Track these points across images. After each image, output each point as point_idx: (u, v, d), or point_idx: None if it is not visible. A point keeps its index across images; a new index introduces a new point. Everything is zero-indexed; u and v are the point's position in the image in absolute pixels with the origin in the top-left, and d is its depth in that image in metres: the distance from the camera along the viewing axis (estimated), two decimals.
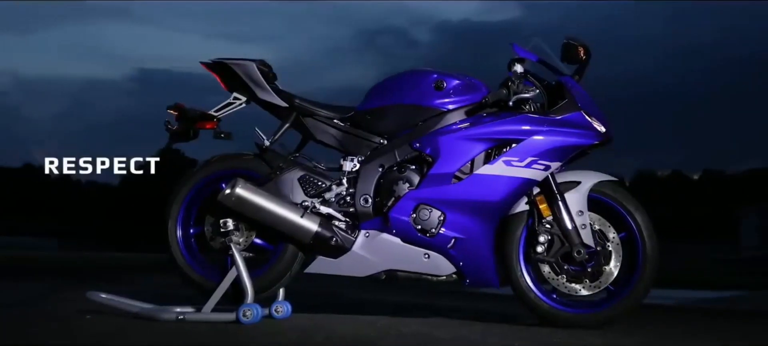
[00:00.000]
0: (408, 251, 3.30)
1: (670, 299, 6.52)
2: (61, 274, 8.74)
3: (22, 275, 8.12)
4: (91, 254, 24.49)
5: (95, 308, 3.47)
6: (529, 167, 3.21)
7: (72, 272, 9.70)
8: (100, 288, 3.59)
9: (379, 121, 3.44)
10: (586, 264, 3.28)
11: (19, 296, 4.71)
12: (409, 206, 3.27)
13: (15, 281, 7.00)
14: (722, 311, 5.53)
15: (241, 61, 3.52)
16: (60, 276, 7.95)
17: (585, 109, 3.28)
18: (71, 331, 3.02)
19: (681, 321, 4.31)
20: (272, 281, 3.45)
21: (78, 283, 5.86)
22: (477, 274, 3.30)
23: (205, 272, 3.49)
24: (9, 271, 9.58)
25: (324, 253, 3.36)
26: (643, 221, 3.28)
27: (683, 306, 6.08)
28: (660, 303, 5.38)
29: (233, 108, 3.58)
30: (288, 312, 3.52)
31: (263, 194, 3.32)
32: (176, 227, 3.52)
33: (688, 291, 8.79)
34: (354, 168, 3.41)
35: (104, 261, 16.31)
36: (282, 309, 3.52)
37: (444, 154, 3.27)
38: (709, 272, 14.79)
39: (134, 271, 10.55)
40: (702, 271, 15.02)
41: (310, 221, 3.31)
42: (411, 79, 3.45)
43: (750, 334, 3.74)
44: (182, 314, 3.32)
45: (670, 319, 4.37)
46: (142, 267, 11.88)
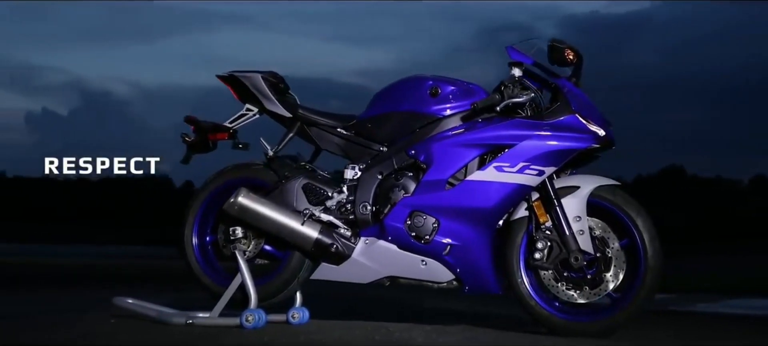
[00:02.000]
0: (405, 257, 3.40)
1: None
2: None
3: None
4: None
5: (122, 313, 3.74)
6: (522, 173, 3.24)
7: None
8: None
9: (379, 129, 3.55)
10: (586, 271, 3.28)
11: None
12: (403, 213, 3.36)
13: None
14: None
15: (249, 73, 3.71)
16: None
17: (580, 112, 3.28)
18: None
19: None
20: (280, 287, 3.62)
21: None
22: (475, 280, 3.36)
23: (218, 279, 3.69)
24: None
25: (326, 259, 3.50)
26: (644, 226, 3.24)
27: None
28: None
29: (246, 119, 3.78)
30: (305, 318, 3.68)
31: (265, 202, 3.50)
32: (192, 234, 3.74)
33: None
34: (355, 176, 3.53)
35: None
36: (298, 315, 3.68)
37: (437, 160, 3.35)
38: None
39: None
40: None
41: (311, 229, 3.46)
42: (408, 86, 3.55)
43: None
44: (191, 318, 3.54)
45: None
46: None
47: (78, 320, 3.75)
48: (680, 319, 5.50)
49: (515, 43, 3.39)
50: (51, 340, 3.17)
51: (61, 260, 15.53)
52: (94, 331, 3.37)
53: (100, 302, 4.16)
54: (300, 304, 3.73)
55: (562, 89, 3.32)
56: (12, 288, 7.50)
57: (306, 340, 3.16)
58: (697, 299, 7.93)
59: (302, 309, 3.71)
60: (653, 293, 3.24)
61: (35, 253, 18.55)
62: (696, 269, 13.79)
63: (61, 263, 14.72)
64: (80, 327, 3.47)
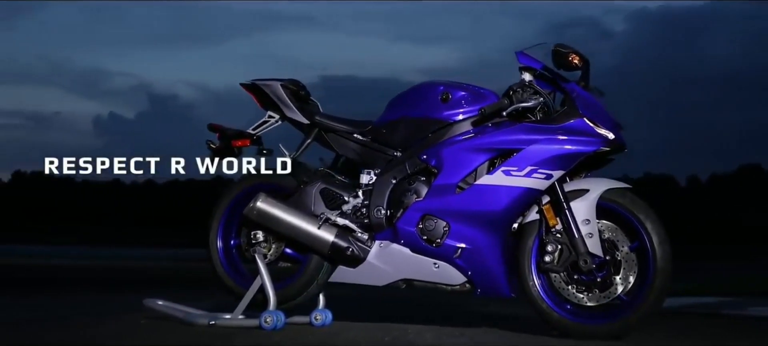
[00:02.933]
0: (418, 260, 3.50)
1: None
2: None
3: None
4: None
5: (152, 314, 3.93)
6: (529, 176, 3.31)
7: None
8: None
9: (393, 135, 3.67)
10: (595, 273, 3.33)
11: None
12: (415, 217, 3.47)
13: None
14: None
15: (269, 81, 3.87)
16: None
17: (588, 115, 3.33)
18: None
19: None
20: (299, 290, 3.76)
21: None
22: (487, 283, 3.44)
23: (241, 281, 3.85)
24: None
25: (342, 262, 3.63)
26: (654, 229, 3.27)
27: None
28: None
29: (268, 126, 3.94)
30: (327, 320, 3.82)
31: (283, 207, 3.64)
32: (216, 238, 3.92)
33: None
34: (370, 180, 3.65)
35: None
36: (321, 317, 3.83)
37: (447, 165, 3.45)
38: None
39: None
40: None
41: (327, 232, 3.59)
42: (420, 93, 3.65)
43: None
44: (214, 319, 3.71)
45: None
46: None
47: (113, 320, 3.97)
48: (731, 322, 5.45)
49: (525, 48, 3.46)
50: (78, 339, 3.36)
51: (128, 263, 16.08)
52: (120, 331, 3.56)
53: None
54: (323, 306, 3.87)
55: (570, 93, 3.38)
56: (90, 289, 7.85)
57: (314, 340, 3.29)
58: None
59: (325, 311, 3.85)
60: (663, 295, 3.26)
61: (106, 256, 19.23)
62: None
63: (127, 266, 15.25)
64: (109, 327, 3.67)
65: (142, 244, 31.99)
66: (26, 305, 5.56)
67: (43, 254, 19.21)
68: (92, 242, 31.91)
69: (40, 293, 7.08)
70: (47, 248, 23.79)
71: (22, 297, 6.50)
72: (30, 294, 7.01)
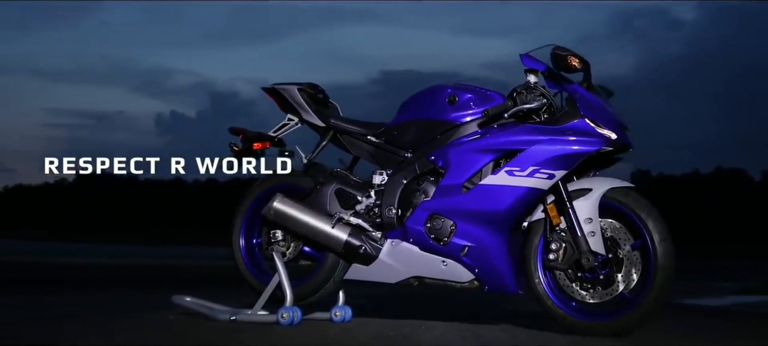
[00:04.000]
0: (426, 258, 3.66)
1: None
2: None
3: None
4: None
5: (181, 310, 4.16)
6: (532, 176, 3.43)
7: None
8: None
9: (404, 136, 3.83)
10: (598, 271, 3.43)
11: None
12: (423, 216, 3.62)
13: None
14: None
15: (288, 85, 4.08)
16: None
17: (589, 116, 3.43)
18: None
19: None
20: (316, 287, 3.97)
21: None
22: (494, 280, 3.58)
23: (262, 278, 4.06)
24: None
25: (355, 260, 3.81)
26: (655, 227, 3.36)
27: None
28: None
29: (288, 128, 4.15)
30: (346, 317, 4.00)
31: (299, 207, 3.84)
32: (239, 237, 4.15)
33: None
34: (382, 181, 3.83)
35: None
36: (340, 313, 4.01)
37: (453, 165, 3.60)
38: None
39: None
40: None
41: (341, 231, 3.78)
42: (429, 95, 3.81)
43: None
44: (235, 315, 3.92)
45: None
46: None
47: (141, 317, 4.20)
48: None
49: (529, 51, 3.57)
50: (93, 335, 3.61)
51: (185, 262, 16.55)
52: (141, 327, 3.79)
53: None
54: (342, 303, 4.06)
55: (573, 94, 3.49)
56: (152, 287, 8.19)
57: (321, 335, 3.47)
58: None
59: (344, 308, 4.03)
60: (665, 292, 3.35)
61: (169, 255, 19.78)
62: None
63: (183, 264, 15.70)
64: (131, 323, 3.91)
65: (204, 243, 32.65)
66: (92, 302, 5.86)
67: (106, 253, 19.87)
68: (154, 242, 32.75)
69: (105, 292, 7.40)
70: (111, 247, 24.56)
71: (88, 295, 6.81)
72: (95, 292, 7.35)
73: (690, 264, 19.00)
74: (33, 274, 10.37)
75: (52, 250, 20.36)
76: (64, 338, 3.28)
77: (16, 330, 3.52)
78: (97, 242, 30.23)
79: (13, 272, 10.43)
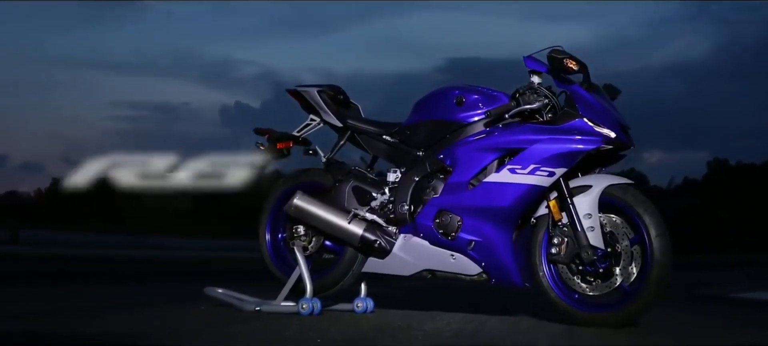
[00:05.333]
0: (436, 252, 3.93)
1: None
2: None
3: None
4: None
5: (212, 301, 4.50)
6: (533, 174, 3.66)
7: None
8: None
9: (416, 136, 4.11)
10: (598, 264, 3.64)
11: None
12: (432, 212, 3.89)
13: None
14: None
15: (309, 88, 4.39)
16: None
17: (588, 115, 3.65)
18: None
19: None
20: (336, 279, 4.26)
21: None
22: (499, 273, 3.83)
23: (287, 271, 4.37)
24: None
25: (371, 254, 4.11)
26: (652, 223, 3.55)
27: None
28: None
29: (310, 128, 4.46)
30: (368, 308, 4.30)
31: (317, 203, 4.14)
32: (265, 232, 4.47)
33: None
34: (396, 179, 4.12)
35: None
36: (362, 305, 4.31)
37: (460, 164, 3.86)
38: None
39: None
40: None
41: (357, 226, 4.07)
42: (438, 97, 4.07)
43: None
44: (260, 305, 4.24)
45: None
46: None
47: (174, 308, 4.56)
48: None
49: (534, 53, 3.80)
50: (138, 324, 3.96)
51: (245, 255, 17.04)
52: (168, 317, 4.14)
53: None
54: (364, 295, 4.35)
55: (572, 95, 3.71)
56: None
57: (339, 324, 3.76)
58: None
59: (366, 299, 4.33)
60: (662, 286, 3.54)
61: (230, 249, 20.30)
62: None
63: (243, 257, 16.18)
64: (158, 313, 4.26)
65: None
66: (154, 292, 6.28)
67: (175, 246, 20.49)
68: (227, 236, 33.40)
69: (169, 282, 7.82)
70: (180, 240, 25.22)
71: (142, 285, 7.25)
72: (170, 281, 7.79)
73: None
74: (90, 267, 10.91)
75: (117, 242, 21.14)
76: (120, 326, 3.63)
77: (60, 320, 3.90)
78: (169, 234, 31.13)
79: (64, 264, 10.96)
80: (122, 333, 3.30)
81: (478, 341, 3.32)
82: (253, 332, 3.44)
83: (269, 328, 3.60)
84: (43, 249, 14.87)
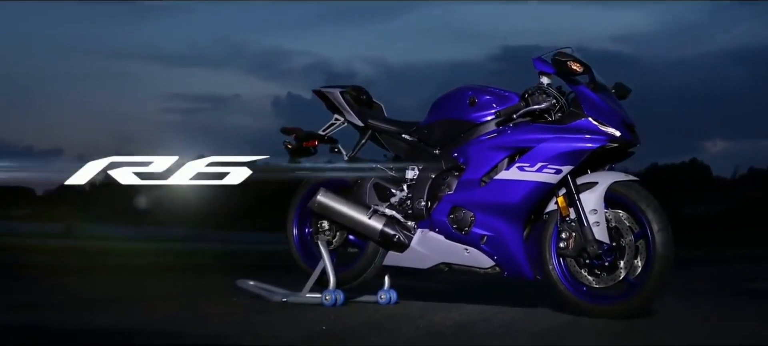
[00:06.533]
0: (451, 246, 4.21)
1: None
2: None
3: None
4: None
5: (244, 293, 4.83)
6: (541, 172, 3.92)
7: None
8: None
9: (433, 135, 4.39)
10: (604, 258, 3.88)
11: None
12: (446, 208, 4.17)
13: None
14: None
15: (332, 89, 4.70)
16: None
17: (593, 115, 3.89)
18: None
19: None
20: (359, 272, 4.57)
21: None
22: (511, 267, 4.10)
23: (312, 263, 4.68)
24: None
25: (390, 248, 4.40)
26: (654, 218, 3.78)
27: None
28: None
29: (335, 127, 4.77)
30: (391, 299, 4.59)
31: (339, 199, 4.45)
32: (293, 227, 4.80)
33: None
34: (414, 176, 4.40)
35: None
36: (385, 296, 4.61)
37: (472, 162, 4.13)
38: None
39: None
40: None
41: (377, 221, 4.36)
42: (453, 97, 4.35)
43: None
44: (287, 296, 4.57)
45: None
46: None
47: (206, 300, 4.91)
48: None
49: (542, 54, 4.05)
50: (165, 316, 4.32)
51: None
52: (198, 308, 4.49)
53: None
54: (388, 286, 4.65)
55: (578, 95, 3.95)
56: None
57: (361, 315, 4.06)
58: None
59: (389, 291, 4.62)
60: (663, 279, 3.77)
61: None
62: None
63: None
64: (190, 304, 4.61)
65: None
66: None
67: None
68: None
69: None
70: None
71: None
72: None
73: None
74: (137, 259, 11.38)
75: (171, 235, 21.62)
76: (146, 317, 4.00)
77: (110, 310, 4.28)
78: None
79: (115, 257, 11.43)
80: (155, 321, 3.66)
81: (479, 331, 3.57)
82: (272, 322, 3.76)
83: (290, 318, 3.92)
84: (96, 242, 15.42)
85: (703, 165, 54.12)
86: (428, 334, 3.37)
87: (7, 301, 4.62)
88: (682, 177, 55.55)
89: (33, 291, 5.42)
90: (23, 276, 7.02)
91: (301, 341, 3.19)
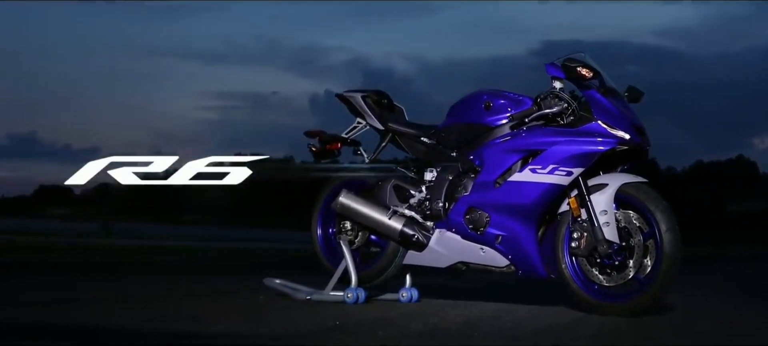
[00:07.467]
0: (467, 246, 4.43)
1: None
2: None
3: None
4: None
5: (269, 292, 5.08)
6: (552, 174, 4.12)
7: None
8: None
9: (451, 138, 4.62)
10: (614, 257, 4.07)
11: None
12: (462, 209, 4.39)
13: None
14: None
15: (354, 93, 4.95)
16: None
17: (603, 118, 4.08)
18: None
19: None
20: (380, 271, 4.81)
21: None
22: (526, 266, 4.31)
23: (335, 262, 4.92)
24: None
25: (410, 247, 4.64)
26: (663, 219, 3.96)
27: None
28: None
29: (357, 130, 5.01)
30: (412, 298, 4.82)
31: (361, 200, 4.69)
32: (317, 226, 5.05)
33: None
34: (432, 178, 4.64)
35: None
36: (407, 294, 4.84)
37: (487, 164, 4.35)
38: None
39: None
40: None
41: (396, 222, 4.60)
42: (469, 101, 4.58)
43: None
44: (310, 294, 4.81)
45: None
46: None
47: (230, 297, 5.16)
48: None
49: (555, 60, 4.25)
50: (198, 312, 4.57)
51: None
52: (222, 305, 4.74)
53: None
54: (409, 285, 4.88)
55: (588, 99, 4.16)
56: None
57: (381, 312, 4.28)
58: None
59: (411, 289, 4.85)
60: (670, 278, 3.96)
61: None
62: None
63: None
64: (215, 302, 4.87)
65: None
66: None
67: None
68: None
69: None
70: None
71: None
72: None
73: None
74: (168, 256, 11.71)
75: (209, 235, 22.00)
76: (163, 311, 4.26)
77: (137, 306, 4.56)
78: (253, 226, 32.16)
79: (151, 255, 11.76)
80: (181, 316, 3.92)
81: (485, 329, 3.77)
82: (291, 317, 4.00)
83: (308, 313, 4.16)
84: (134, 241, 15.81)
85: (750, 162, 53.61)
86: (435, 330, 3.59)
87: (27, 298, 4.81)
88: (728, 174, 55.04)
89: (63, 289, 5.68)
90: (46, 275, 7.23)
91: (309, 333, 3.42)
